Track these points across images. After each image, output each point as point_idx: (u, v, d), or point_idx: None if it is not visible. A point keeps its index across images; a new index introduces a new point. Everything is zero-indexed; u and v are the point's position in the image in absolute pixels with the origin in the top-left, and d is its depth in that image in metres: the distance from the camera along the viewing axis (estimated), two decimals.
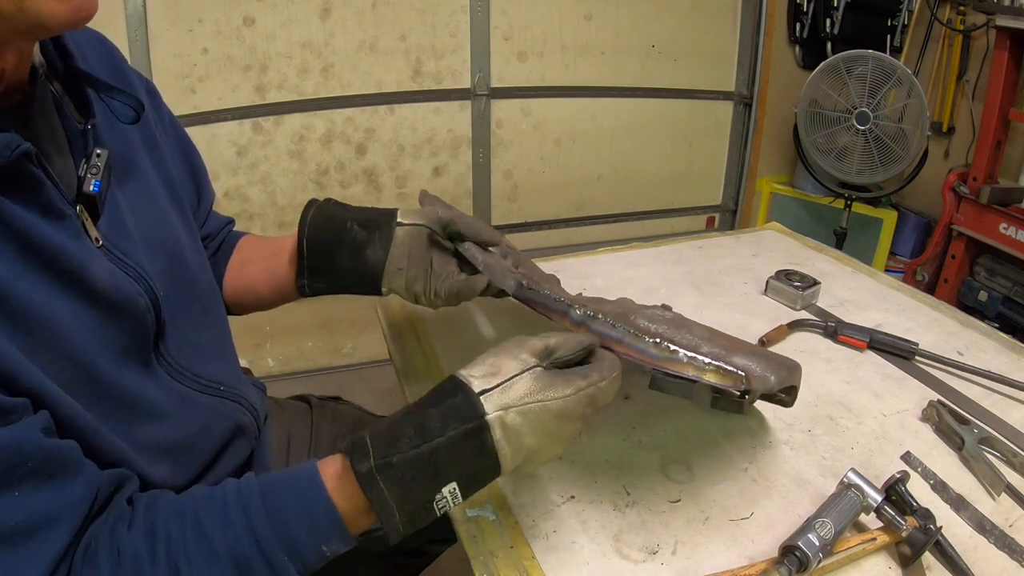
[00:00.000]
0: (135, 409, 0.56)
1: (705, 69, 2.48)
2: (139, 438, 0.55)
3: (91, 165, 0.54)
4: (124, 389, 0.54)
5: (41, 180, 0.48)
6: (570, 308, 0.63)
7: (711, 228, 2.73)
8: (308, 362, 2.29)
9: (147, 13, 1.76)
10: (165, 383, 0.60)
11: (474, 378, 0.53)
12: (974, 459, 0.71)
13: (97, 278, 0.52)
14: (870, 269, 1.18)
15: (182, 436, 0.61)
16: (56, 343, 0.48)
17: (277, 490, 0.52)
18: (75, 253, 0.50)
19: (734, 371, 0.56)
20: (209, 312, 0.70)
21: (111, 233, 0.56)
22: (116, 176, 0.58)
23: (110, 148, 0.57)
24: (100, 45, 0.66)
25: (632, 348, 0.59)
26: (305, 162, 2.07)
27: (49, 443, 0.45)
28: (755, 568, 0.57)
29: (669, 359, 0.57)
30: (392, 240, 0.73)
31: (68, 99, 0.57)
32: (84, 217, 0.53)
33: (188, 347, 0.64)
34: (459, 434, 0.51)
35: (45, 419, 0.46)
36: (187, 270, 0.66)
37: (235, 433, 0.69)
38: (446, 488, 0.51)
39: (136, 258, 0.57)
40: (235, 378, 0.71)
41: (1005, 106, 2.12)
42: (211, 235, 0.81)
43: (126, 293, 0.55)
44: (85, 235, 0.53)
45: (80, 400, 0.49)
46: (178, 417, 0.60)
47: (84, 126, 0.56)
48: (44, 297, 0.48)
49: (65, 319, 0.49)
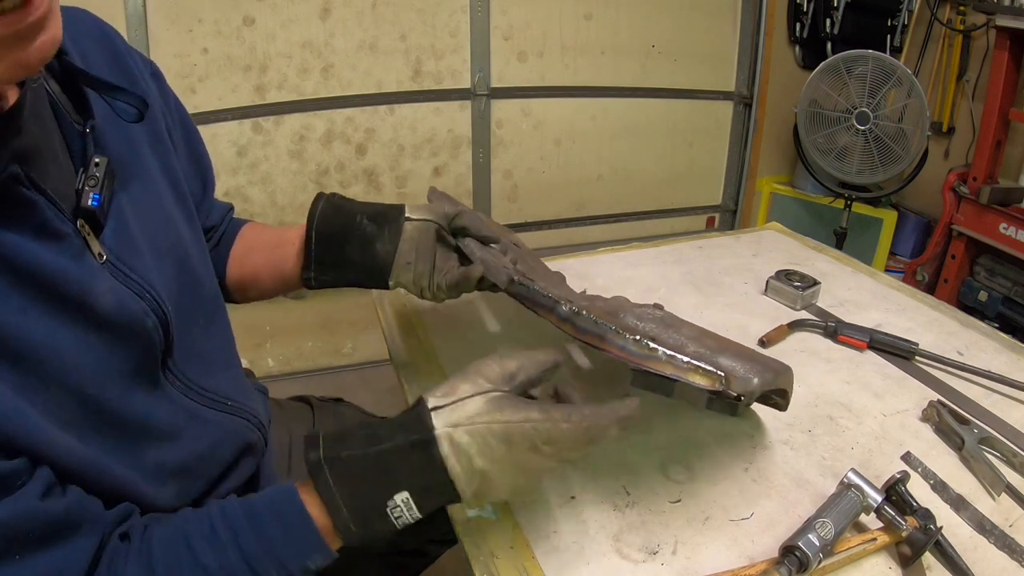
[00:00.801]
0: (144, 433, 0.55)
1: (705, 69, 2.48)
2: (148, 462, 0.55)
3: (89, 176, 0.51)
4: (133, 414, 0.53)
5: (34, 201, 0.45)
6: (557, 304, 0.63)
7: (711, 228, 2.73)
8: (308, 362, 2.29)
9: (147, 13, 1.76)
10: (174, 399, 0.59)
11: (432, 396, 0.54)
12: (974, 459, 0.71)
13: (101, 301, 0.49)
14: (870, 269, 1.18)
15: (191, 456, 0.60)
16: (59, 377, 0.47)
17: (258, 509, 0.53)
18: (76, 276, 0.48)
19: (713, 371, 0.57)
20: (214, 320, 0.69)
21: (116, 246, 0.54)
22: (120, 180, 0.56)
23: (112, 150, 0.55)
24: (99, 33, 0.62)
25: (612, 345, 0.59)
26: (305, 162, 2.07)
27: (49, 508, 0.44)
28: (755, 568, 0.57)
29: (648, 357, 0.57)
30: (401, 235, 0.72)
31: (66, 99, 0.54)
32: (85, 232, 0.51)
33: (195, 358, 0.62)
34: (406, 443, 0.52)
35: (45, 479, 0.45)
36: (193, 275, 0.64)
37: (243, 451, 0.68)
38: (399, 496, 0.52)
39: (143, 272, 0.55)
40: (241, 390, 0.70)
41: (1005, 106, 2.12)
42: (214, 226, 0.80)
43: (132, 313, 0.53)
44: (88, 251, 0.51)
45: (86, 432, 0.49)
46: (187, 436, 0.60)
47: (83, 128, 0.53)
48: (44, 330, 0.46)
49: (68, 350, 0.47)
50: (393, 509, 0.52)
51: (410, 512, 0.52)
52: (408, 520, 0.53)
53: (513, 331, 0.94)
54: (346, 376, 2.29)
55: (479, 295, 0.85)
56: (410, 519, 0.53)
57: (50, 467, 0.46)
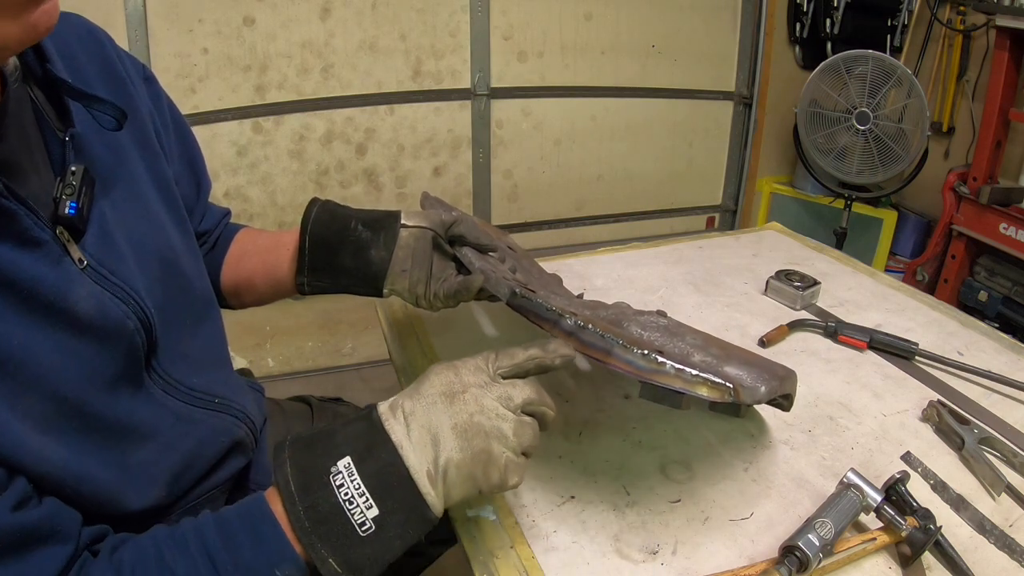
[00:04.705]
0: (128, 434, 0.55)
1: (705, 69, 2.48)
2: (133, 463, 0.55)
3: (66, 185, 0.51)
4: (116, 416, 0.53)
5: (12, 210, 0.45)
6: (561, 318, 0.63)
7: (711, 228, 2.73)
8: (308, 362, 2.29)
9: (147, 13, 1.76)
10: (158, 400, 0.59)
11: None
12: (974, 459, 0.71)
13: (80, 306, 0.50)
14: (870, 269, 1.18)
15: (176, 454, 0.60)
16: (39, 382, 0.47)
17: (229, 519, 0.53)
18: (53, 282, 0.48)
19: (722, 383, 0.56)
20: (203, 320, 0.68)
21: (97, 251, 0.53)
22: (103, 186, 0.56)
23: (96, 157, 0.55)
24: (90, 37, 0.62)
25: (621, 360, 0.58)
26: (305, 162, 2.07)
27: (19, 519, 0.44)
28: (755, 568, 0.57)
29: (657, 371, 0.57)
30: (396, 241, 0.72)
31: (51, 107, 0.54)
32: (64, 239, 0.51)
33: (179, 359, 0.62)
34: (353, 417, 0.55)
35: (19, 492, 0.45)
36: (182, 278, 0.64)
37: (231, 449, 0.68)
38: (340, 462, 0.51)
39: (124, 275, 0.55)
40: (229, 388, 0.70)
41: (1005, 106, 2.13)
42: (209, 231, 0.80)
43: (112, 317, 0.53)
44: (67, 258, 0.50)
45: (68, 435, 0.49)
46: (172, 435, 0.59)
47: (63, 136, 0.53)
48: (23, 335, 0.46)
49: (47, 355, 0.47)
50: (335, 476, 0.51)
51: (352, 479, 0.51)
52: (351, 491, 0.51)
53: (513, 331, 0.94)
54: (346, 376, 2.29)
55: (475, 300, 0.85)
56: (353, 490, 0.51)
57: (29, 474, 0.46)
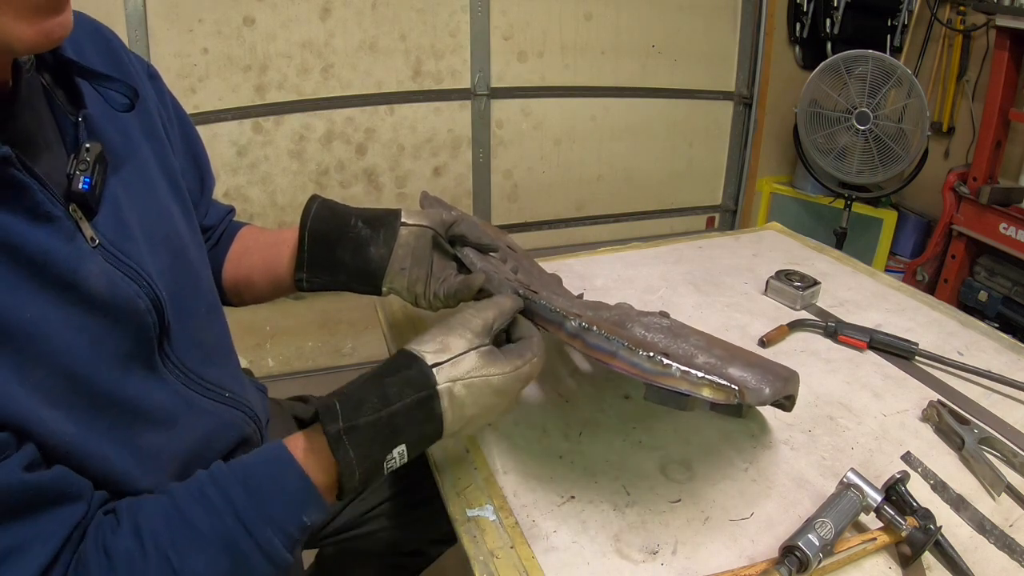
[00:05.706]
0: (139, 416, 0.55)
1: (705, 69, 2.48)
2: (142, 446, 0.55)
3: (80, 160, 0.52)
4: (127, 396, 0.53)
5: (26, 183, 0.46)
6: (565, 320, 0.63)
7: (711, 228, 2.73)
8: (308, 362, 2.29)
9: (147, 13, 1.76)
10: (171, 386, 0.59)
11: (427, 352, 0.58)
12: (974, 459, 0.71)
13: (91, 282, 0.50)
14: (870, 269, 1.18)
15: (186, 443, 0.60)
16: (49, 357, 0.47)
17: (251, 471, 0.54)
18: (65, 257, 0.48)
19: (728, 385, 0.57)
20: (214, 311, 0.69)
21: (109, 231, 0.54)
22: (114, 168, 0.57)
23: (106, 140, 0.56)
24: (97, 34, 0.63)
25: (626, 362, 0.59)
26: (305, 162, 2.07)
27: (31, 479, 0.45)
28: (755, 568, 0.57)
29: (662, 374, 0.57)
30: (396, 239, 0.72)
31: (59, 90, 0.55)
32: (77, 216, 0.51)
33: (194, 348, 0.63)
34: (413, 401, 0.56)
35: (29, 454, 0.45)
36: (190, 267, 0.65)
37: (239, 444, 0.68)
38: (396, 449, 0.56)
39: (136, 257, 0.55)
40: (239, 383, 0.70)
41: (1005, 106, 2.12)
42: (212, 227, 0.80)
43: (123, 295, 0.53)
44: (79, 234, 0.51)
45: (78, 411, 0.49)
46: (183, 424, 0.60)
47: (76, 118, 0.54)
48: (35, 309, 0.46)
49: (59, 330, 0.48)
50: (389, 461, 0.56)
51: (401, 460, 0.57)
52: (396, 466, 0.57)
53: None
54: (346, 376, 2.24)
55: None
56: (397, 465, 0.57)
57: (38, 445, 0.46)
